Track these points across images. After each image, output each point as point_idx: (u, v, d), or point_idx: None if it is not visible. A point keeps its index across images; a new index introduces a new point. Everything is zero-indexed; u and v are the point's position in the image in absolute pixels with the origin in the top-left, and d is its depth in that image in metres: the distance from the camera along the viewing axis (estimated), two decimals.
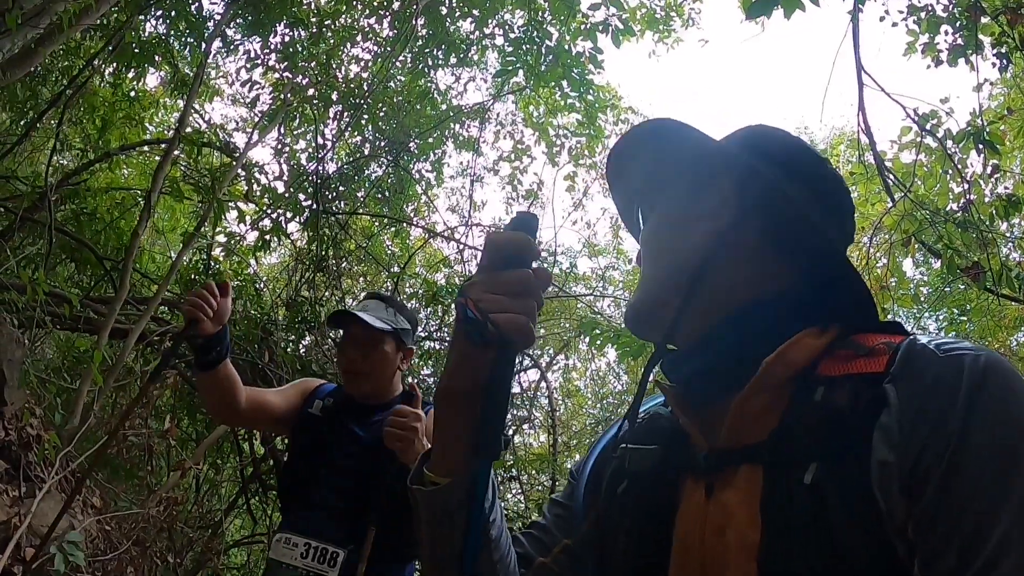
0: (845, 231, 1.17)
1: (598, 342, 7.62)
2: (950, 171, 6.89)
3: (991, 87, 8.21)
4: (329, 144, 9.26)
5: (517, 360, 1.03)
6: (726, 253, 1.09)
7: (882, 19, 6.66)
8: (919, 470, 0.83)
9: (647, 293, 1.16)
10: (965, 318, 10.65)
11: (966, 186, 6.62)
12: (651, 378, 1.16)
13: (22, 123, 8.57)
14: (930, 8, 6.23)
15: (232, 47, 9.00)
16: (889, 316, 8.65)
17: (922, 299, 11.09)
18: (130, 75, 8.56)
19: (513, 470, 8.75)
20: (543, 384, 10.25)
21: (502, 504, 1.19)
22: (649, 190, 1.23)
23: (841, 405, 0.91)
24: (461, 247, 9.44)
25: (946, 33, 6.29)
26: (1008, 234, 8.94)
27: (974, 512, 0.80)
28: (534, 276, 0.95)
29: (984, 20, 6.00)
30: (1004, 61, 6.13)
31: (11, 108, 8.51)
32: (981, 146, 6.09)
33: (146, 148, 9.60)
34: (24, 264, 6.49)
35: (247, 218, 8.36)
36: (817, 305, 1.05)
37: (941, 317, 11.34)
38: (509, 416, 9.86)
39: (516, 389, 9.92)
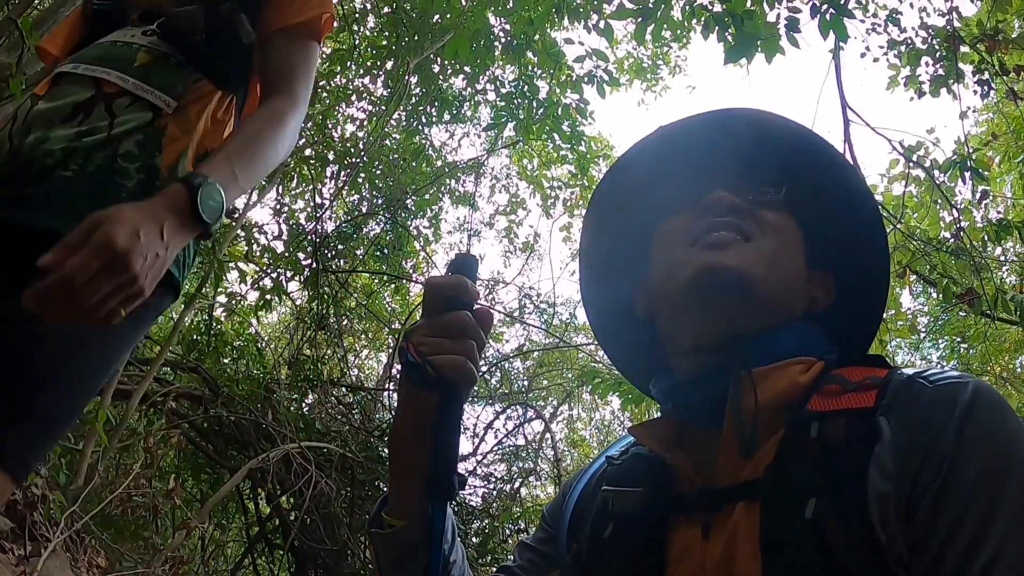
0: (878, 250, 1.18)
1: (600, 390, 7.63)
2: (939, 200, 6.97)
3: (975, 114, 8.33)
4: (327, 203, 9.35)
5: (466, 400, 1.05)
6: (787, 253, 1.10)
7: (863, 55, 6.78)
8: (915, 496, 0.85)
9: (745, 260, 1.07)
10: (966, 344, 10.63)
11: (956, 214, 6.69)
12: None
13: None
14: (909, 41, 6.35)
15: None
16: (888, 348, 8.65)
17: (921, 328, 11.09)
18: None
19: (520, 522, 8.64)
20: (547, 435, 10.19)
21: (463, 546, 1.20)
22: (720, 164, 1.17)
23: (836, 440, 0.92)
24: None
25: (927, 64, 6.39)
26: (1002, 258, 8.98)
27: (964, 532, 0.82)
28: (471, 317, 0.98)
29: (963, 49, 6.13)
30: (985, 88, 6.24)
31: None
32: (968, 174, 6.17)
33: None
34: None
35: (248, 278, 8.42)
36: (833, 332, 1.09)
37: (942, 345, 11.33)
38: (515, 469, 9.82)
39: (521, 442, 9.86)
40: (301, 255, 8.57)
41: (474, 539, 7.89)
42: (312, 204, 9.42)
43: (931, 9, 6.27)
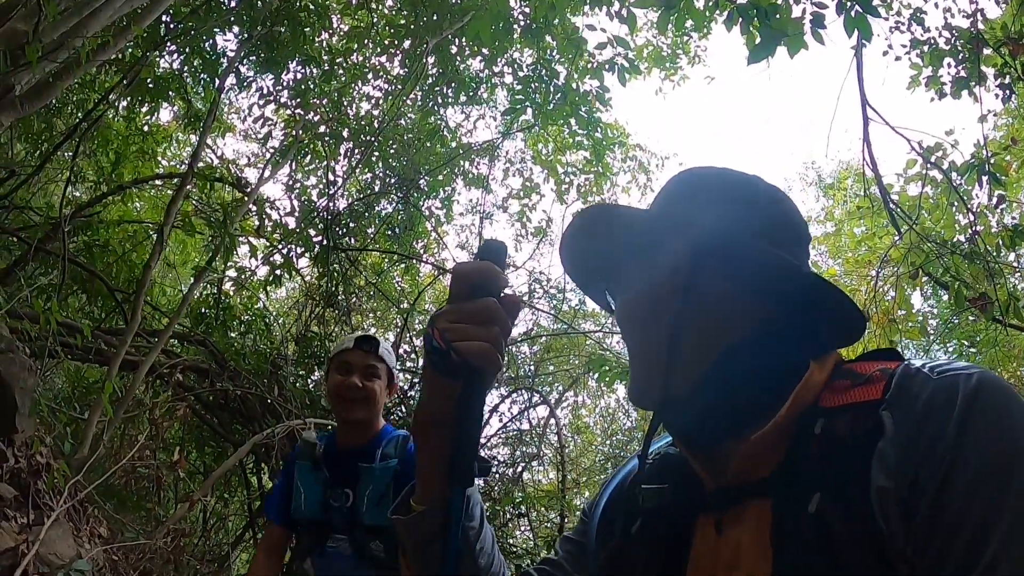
0: (800, 239, 1.18)
1: (607, 378, 7.62)
2: (956, 203, 6.92)
3: (995, 118, 8.27)
4: (340, 180, 9.34)
5: (490, 389, 1.05)
6: (694, 306, 1.09)
7: (885, 53, 6.71)
8: (916, 491, 0.84)
9: (638, 370, 1.15)
10: (975, 349, 10.62)
11: (972, 217, 6.65)
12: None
13: (37, 155, 8.63)
14: (932, 42, 6.29)
15: (245, 84, 9.12)
16: (897, 348, 8.59)
17: (931, 331, 11.06)
18: (144, 110, 8.69)
19: (522, 507, 8.67)
20: (552, 420, 10.20)
21: (492, 531, 1.21)
22: (608, 272, 1.23)
23: (840, 435, 0.93)
24: None
25: (949, 66, 6.35)
26: (1016, 264, 8.94)
27: (968, 527, 0.81)
28: (499, 304, 0.98)
29: (986, 52, 6.06)
30: (1007, 92, 6.18)
31: (27, 140, 8.59)
32: (985, 178, 6.12)
33: (159, 182, 9.70)
34: (37, 294, 6.53)
35: (258, 253, 8.44)
36: (802, 327, 1.07)
37: (951, 348, 11.31)
38: (518, 453, 9.84)
39: (525, 426, 9.88)
40: (312, 232, 8.58)
41: None
42: (325, 181, 9.42)
43: (956, 10, 6.22)
